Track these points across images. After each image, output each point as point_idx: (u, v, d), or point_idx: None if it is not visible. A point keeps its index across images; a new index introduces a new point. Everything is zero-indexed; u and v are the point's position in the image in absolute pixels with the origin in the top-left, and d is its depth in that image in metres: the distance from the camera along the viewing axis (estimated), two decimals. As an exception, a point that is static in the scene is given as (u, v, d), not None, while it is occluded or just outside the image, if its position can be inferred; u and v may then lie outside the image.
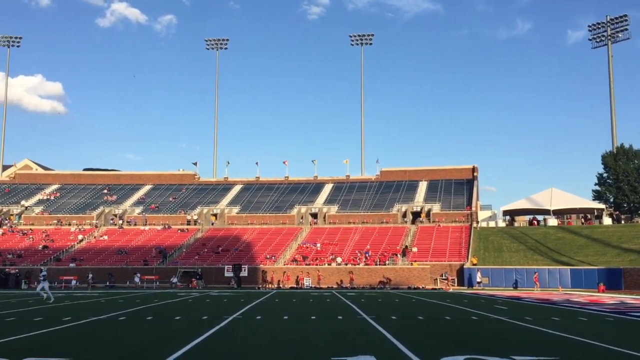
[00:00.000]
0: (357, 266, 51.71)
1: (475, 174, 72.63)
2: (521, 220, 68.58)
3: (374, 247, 55.80)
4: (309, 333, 14.61)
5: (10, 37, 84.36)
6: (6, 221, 65.99)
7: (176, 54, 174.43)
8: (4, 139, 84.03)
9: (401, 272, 50.12)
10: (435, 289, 47.42)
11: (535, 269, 47.14)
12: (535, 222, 64.30)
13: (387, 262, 51.95)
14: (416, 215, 65.09)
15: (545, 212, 63.97)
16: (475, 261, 51.22)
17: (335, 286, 49.06)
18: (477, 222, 62.10)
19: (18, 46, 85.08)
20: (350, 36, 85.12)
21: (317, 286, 48.54)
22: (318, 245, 57.28)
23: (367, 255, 53.92)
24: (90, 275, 48.93)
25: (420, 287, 47.89)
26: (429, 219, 63.39)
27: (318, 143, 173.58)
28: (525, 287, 46.43)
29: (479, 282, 47.63)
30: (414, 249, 55.01)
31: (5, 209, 68.83)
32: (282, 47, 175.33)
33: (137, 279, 49.33)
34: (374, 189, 72.09)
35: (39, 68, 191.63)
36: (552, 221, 62.58)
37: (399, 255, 53.52)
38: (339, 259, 53.26)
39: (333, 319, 18.67)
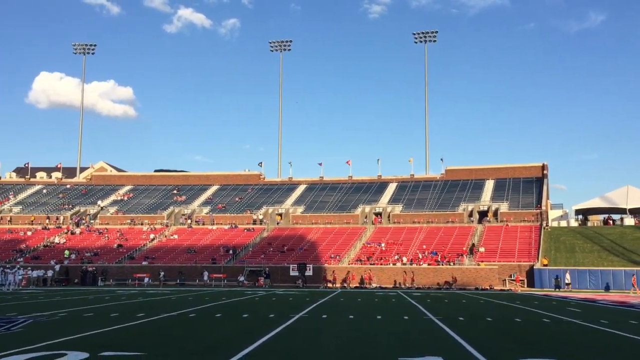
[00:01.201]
0: (422, 266, 51.13)
1: (545, 172, 70.32)
2: (595, 220, 65.91)
3: (439, 247, 55.01)
4: (374, 332, 14.59)
5: (86, 45, 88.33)
6: (83, 221, 69.16)
7: (240, 56, 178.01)
8: (81, 143, 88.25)
9: (468, 273, 49.19)
10: (504, 290, 46.26)
11: (633, 271, 45.02)
12: (611, 221, 61.60)
13: (453, 262, 51.09)
14: (483, 214, 63.68)
15: (621, 211, 61.21)
16: (546, 262, 49.62)
17: (399, 286, 48.68)
18: (548, 221, 60.11)
19: (93, 53, 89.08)
20: (414, 34, 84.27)
21: (382, 286, 48.38)
22: (382, 244, 57.01)
23: (432, 255, 53.23)
24: (162, 273, 50.62)
25: (488, 287, 46.84)
26: (497, 219, 61.88)
27: (382, 142, 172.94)
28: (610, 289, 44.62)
29: (567, 284, 45.93)
30: (481, 249, 53.86)
31: (82, 209, 72.16)
32: (344, 47, 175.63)
33: (205, 277, 50.68)
34: (439, 188, 71.05)
35: (111, 74, 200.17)
36: (629, 220, 59.79)
37: (464, 256, 52.54)
38: (404, 259, 52.83)
39: (399, 319, 18.56)
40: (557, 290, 45.03)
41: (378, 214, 66.62)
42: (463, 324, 16.83)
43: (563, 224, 61.81)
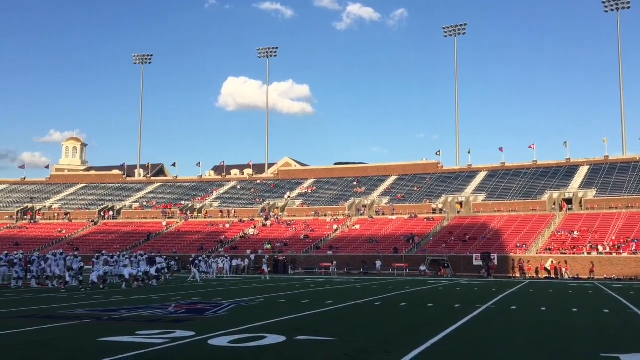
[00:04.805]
0: (623, 255, 46.62)
1: None
2: None
3: (642, 235, 49.68)
4: (571, 326, 13.70)
5: (269, 49, 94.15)
6: (272, 213, 74.03)
7: (410, 46, 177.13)
8: (267, 140, 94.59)
9: (679, 263, 43.81)
10: None
11: None
12: None
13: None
14: (696, 197, 56.15)
15: None
16: None
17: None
18: None
19: (275, 56, 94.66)
20: (603, 2, 76.77)
21: (576, 276, 45.11)
22: (575, 233, 53.01)
23: (634, 242, 48.23)
24: (335, 263, 52.21)
25: None
26: None
27: (569, 122, 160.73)
28: None
29: None
30: (695, 237, 47.59)
31: (271, 203, 77.28)
32: (521, 24, 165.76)
33: (377, 266, 51.49)
34: (640, 169, 64.14)
35: (289, 74, 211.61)
36: None
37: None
38: (599, 248, 48.63)
39: (598, 312, 17.19)
40: None
41: (567, 200, 62.05)
42: (676, 320, 15.09)
43: None
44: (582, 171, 67.88)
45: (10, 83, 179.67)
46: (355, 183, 79.26)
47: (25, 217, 79.20)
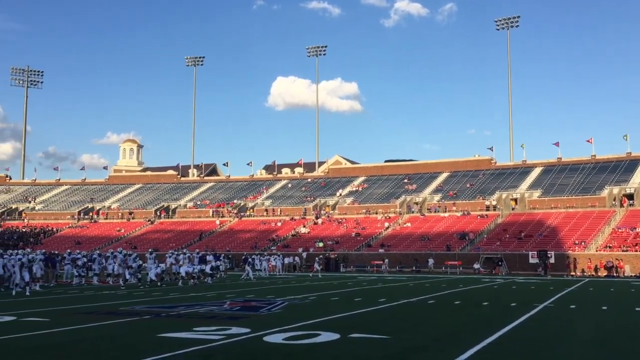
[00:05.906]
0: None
1: None
2: None
3: None
4: (633, 325, 13.21)
5: (318, 47, 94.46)
6: (323, 211, 74.24)
7: (459, 41, 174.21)
8: (317, 138, 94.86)
9: None
10: None
11: None
12: None
13: None
14: None
15: None
16: None
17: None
18: None
19: (324, 54, 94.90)
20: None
21: (638, 275, 43.43)
22: (637, 229, 51.01)
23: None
24: (386, 261, 51.86)
25: None
26: None
27: (629, 115, 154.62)
28: None
29: None
30: None
31: (322, 201, 77.54)
32: (576, 15, 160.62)
33: (430, 264, 50.85)
34: None
35: (337, 72, 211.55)
36: None
37: None
38: (664, 245, 46.69)
39: (663, 312, 16.51)
40: None
41: (628, 196, 59.73)
42: None
43: None
44: (644, 165, 65.30)
45: (69, 87, 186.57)
46: (406, 180, 78.62)
47: (86, 216, 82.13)
